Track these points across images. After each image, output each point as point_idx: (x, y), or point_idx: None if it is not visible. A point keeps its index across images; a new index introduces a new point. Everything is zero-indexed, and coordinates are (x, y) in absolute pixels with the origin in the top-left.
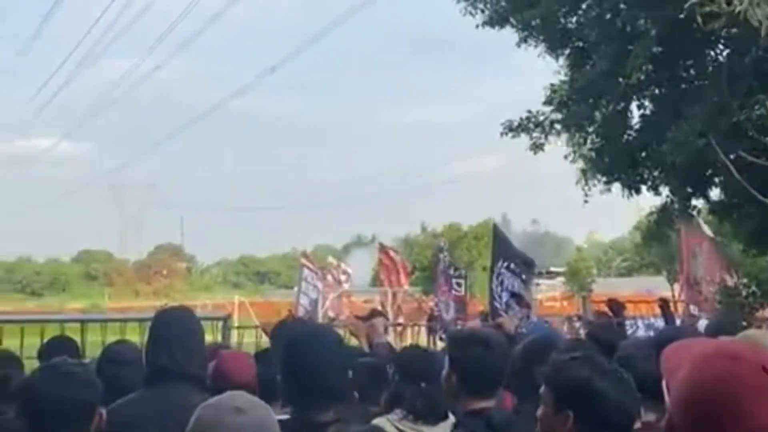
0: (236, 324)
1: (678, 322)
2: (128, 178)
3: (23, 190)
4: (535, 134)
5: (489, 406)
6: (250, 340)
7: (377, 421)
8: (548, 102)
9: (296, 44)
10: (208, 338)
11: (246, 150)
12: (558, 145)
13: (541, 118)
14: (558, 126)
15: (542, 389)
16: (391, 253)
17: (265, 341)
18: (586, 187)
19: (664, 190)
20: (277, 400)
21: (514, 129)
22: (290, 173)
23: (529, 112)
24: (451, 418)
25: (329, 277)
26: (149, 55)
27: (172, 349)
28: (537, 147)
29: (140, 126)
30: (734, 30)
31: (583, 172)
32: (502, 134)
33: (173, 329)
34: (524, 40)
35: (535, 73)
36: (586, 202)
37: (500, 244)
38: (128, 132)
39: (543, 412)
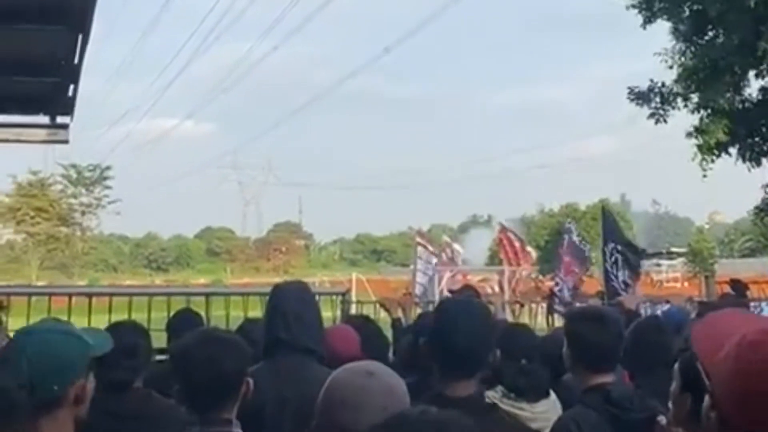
0: (354, 300)
1: None
2: (248, 158)
3: (149, 170)
4: (656, 104)
5: (607, 381)
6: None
7: None
8: (679, 80)
9: (412, 25)
10: (327, 313)
11: (362, 130)
12: (679, 116)
13: (664, 89)
14: (680, 99)
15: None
16: (511, 236)
17: (383, 316)
18: (704, 162)
19: None
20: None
21: (639, 96)
22: (407, 153)
23: (652, 81)
24: (553, 396)
25: (443, 256)
26: (265, 38)
27: (289, 322)
28: (658, 116)
29: (259, 107)
30: None
31: (699, 147)
32: (628, 99)
33: (290, 302)
34: (650, 20)
35: (648, 52)
36: (704, 176)
37: (609, 226)
38: (248, 112)
39: (673, 389)
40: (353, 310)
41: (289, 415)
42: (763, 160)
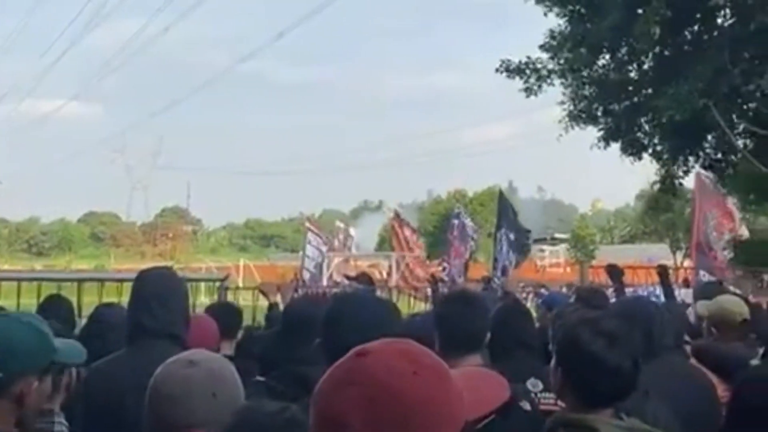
0: (241, 286)
1: (683, 290)
2: (136, 141)
3: (32, 151)
4: (531, 79)
5: (473, 364)
6: (248, 301)
7: None
8: (544, 47)
9: (307, 9)
10: (206, 299)
11: (254, 115)
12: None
13: (539, 65)
14: (554, 75)
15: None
16: (403, 222)
17: (263, 303)
18: (568, 127)
19: (665, 156)
20: None
21: (510, 70)
22: (299, 139)
23: (528, 57)
24: None
25: (335, 242)
26: (158, 17)
27: (153, 308)
28: (530, 91)
29: (149, 88)
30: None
31: (569, 112)
32: (497, 71)
33: (154, 288)
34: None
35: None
36: (559, 137)
37: (504, 211)
38: (137, 94)
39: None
40: (231, 296)
41: None
42: (644, 155)
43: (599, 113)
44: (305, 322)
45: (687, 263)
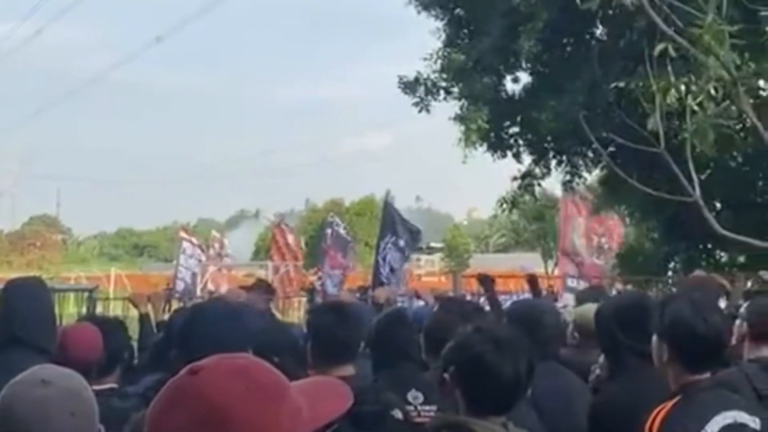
0: (111, 296)
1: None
2: (3, 148)
3: None
4: (419, 94)
5: (347, 374)
6: (118, 312)
7: None
8: (443, 71)
9: (185, 14)
10: (74, 310)
11: (129, 122)
12: (441, 110)
13: (429, 83)
14: (443, 92)
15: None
16: (285, 231)
17: (133, 313)
18: (466, 150)
19: (527, 159)
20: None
21: (407, 85)
22: (175, 147)
23: (419, 72)
24: None
25: (210, 251)
26: (29, 20)
27: (20, 319)
28: (422, 107)
29: (18, 93)
30: (610, 12)
31: (466, 134)
32: (398, 86)
33: (22, 299)
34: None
35: (429, 54)
36: (464, 162)
37: (390, 219)
38: (6, 99)
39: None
40: (101, 306)
41: None
42: (508, 153)
43: (490, 134)
44: None
45: (557, 272)
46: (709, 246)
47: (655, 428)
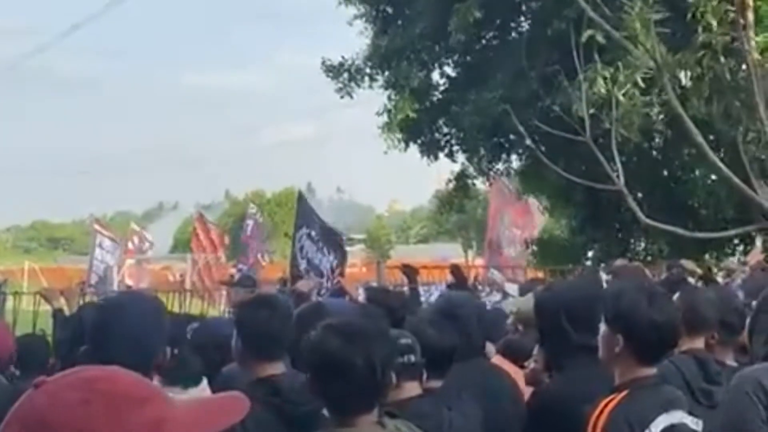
0: (25, 290)
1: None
2: None
3: None
4: (343, 79)
5: (277, 372)
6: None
7: None
8: (369, 59)
9: (101, 3)
10: None
11: (39, 111)
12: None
13: (353, 69)
14: (368, 79)
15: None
16: (208, 224)
17: (44, 309)
18: (389, 142)
19: (461, 157)
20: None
21: (330, 69)
22: (89, 137)
23: (343, 57)
24: (204, 383)
25: (130, 244)
26: None
27: None
28: (344, 91)
29: None
30: (532, 5)
31: (387, 125)
32: (321, 69)
33: None
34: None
35: (352, 43)
36: (385, 152)
37: (304, 212)
38: None
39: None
40: (11, 301)
41: None
42: (440, 155)
43: (416, 125)
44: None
45: (479, 261)
46: (625, 235)
47: (600, 423)
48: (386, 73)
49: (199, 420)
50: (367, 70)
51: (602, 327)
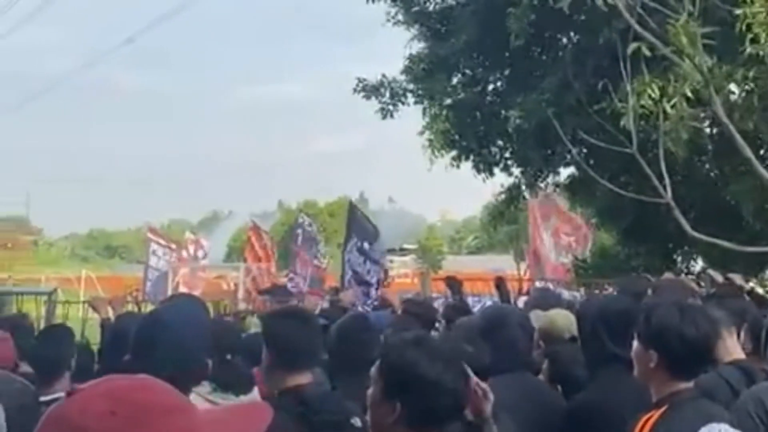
0: (81, 298)
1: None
2: None
3: None
4: (385, 99)
5: (304, 382)
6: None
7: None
8: (406, 72)
9: (156, 15)
10: (34, 312)
11: (98, 122)
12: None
13: (394, 84)
14: (410, 95)
15: (373, 370)
16: (262, 233)
17: (92, 317)
18: (432, 158)
19: (516, 171)
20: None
21: (367, 90)
22: (146, 147)
23: (384, 76)
24: (255, 391)
25: (185, 253)
26: None
27: None
28: (386, 112)
29: None
30: (582, 17)
31: (430, 141)
32: (354, 91)
33: None
34: (393, 16)
35: (400, 56)
36: (429, 170)
37: (354, 222)
38: None
39: (372, 395)
40: (60, 309)
41: None
42: (495, 170)
43: (456, 137)
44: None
45: (528, 274)
46: (671, 249)
47: None
48: (428, 87)
49: (224, 429)
50: (410, 86)
51: (635, 344)
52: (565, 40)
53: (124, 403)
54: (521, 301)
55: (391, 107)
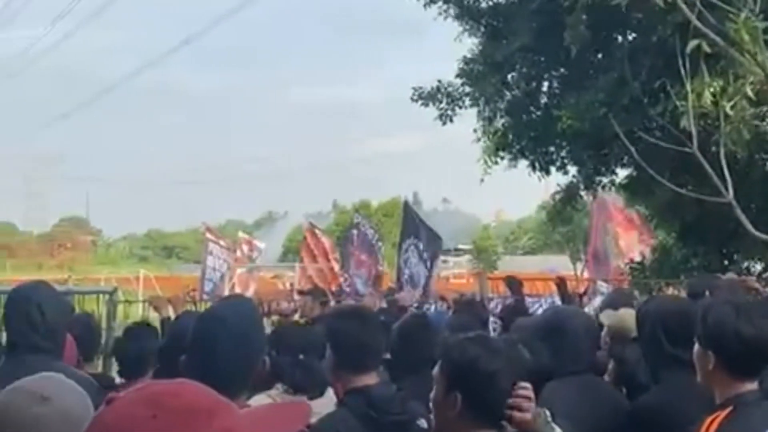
0: (140, 297)
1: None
2: (34, 150)
3: None
4: (443, 105)
5: (370, 382)
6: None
7: (258, 398)
8: (461, 75)
9: (211, 17)
10: (94, 312)
11: (156, 123)
12: (466, 116)
13: (450, 89)
14: (467, 99)
15: (435, 370)
16: (318, 233)
17: (153, 316)
18: (487, 165)
19: (572, 170)
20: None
21: (423, 97)
22: (202, 147)
23: (440, 81)
24: (330, 393)
25: (238, 253)
26: (58, 24)
27: (27, 322)
28: (445, 117)
29: (49, 96)
30: (639, 15)
31: (487, 148)
32: (412, 100)
33: (29, 303)
34: (446, 11)
35: (453, 56)
36: (482, 180)
37: (409, 222)
38: (36, 102)
39: (434, 394)
40: (121, 309)
41: None
42: (552, 169)
43: (512, 141)
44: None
45: (586, 274)
46: (731, 249)
47: None
48: (483, 89)
49: (264, 428)
50: (467, 89)
51: (696, 346)
52: (620, 38)
53: (165, 406)
54: (587, 301)
55: (449, 112)
